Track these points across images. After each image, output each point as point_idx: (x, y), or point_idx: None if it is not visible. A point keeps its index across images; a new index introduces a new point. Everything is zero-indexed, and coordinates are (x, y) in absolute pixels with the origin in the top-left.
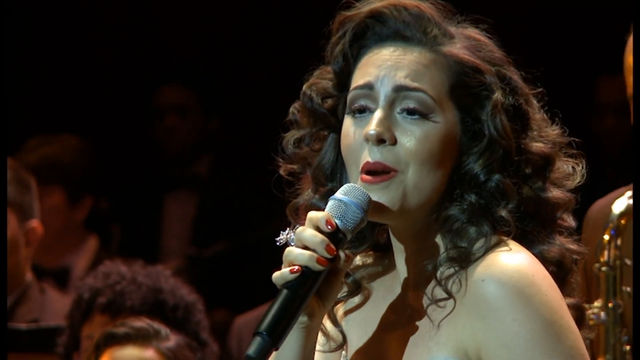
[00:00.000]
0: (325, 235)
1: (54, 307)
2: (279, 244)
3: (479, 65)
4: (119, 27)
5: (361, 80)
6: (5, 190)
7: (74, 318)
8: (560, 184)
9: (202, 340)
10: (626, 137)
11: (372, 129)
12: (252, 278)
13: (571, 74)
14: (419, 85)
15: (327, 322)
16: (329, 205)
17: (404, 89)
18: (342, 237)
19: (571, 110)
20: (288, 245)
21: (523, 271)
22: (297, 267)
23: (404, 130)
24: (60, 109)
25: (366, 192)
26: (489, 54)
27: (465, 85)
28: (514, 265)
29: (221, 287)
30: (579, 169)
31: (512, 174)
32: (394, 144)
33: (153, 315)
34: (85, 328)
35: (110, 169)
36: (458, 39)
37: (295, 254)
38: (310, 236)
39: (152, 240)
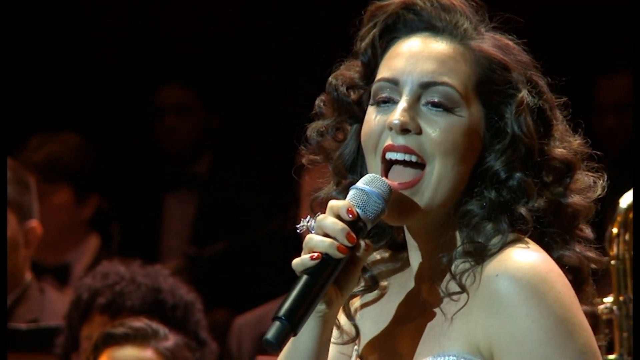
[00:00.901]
0: (346, 223)
1: (53, 307)
2: (300, 231)
3: (507, 63)
4: (119, 27)
5: (387, 72)
6: (5, 190)
7: (73, 318)
8: (580, 195)
9: (201, 339)
10: (626, 137)
11: (397, 118)
12: (252, 278)
13: (571, 74)
14: (446, 79)
15: (341, 316)
16: (350, 194)
17: (430, 84)
18: (363, 226)
19: (571, 110)
20: (308, 232)
21: (537, 268)
22: (318, 254)
23: (428, 120)
24: (61, 109)
25: (387, 183)
26: (517, 56)
27: (491, 81)
28: (529, 262)
29: (221, 287)
30: (600, 182)
31: (534, 175)
32: (419, 134)
33: (153, 315)
34: (85, 328)
35: (111, 169)
36: (488, 37)
37: (316, 240)
38: (331, 224)
39: (152, 240)
